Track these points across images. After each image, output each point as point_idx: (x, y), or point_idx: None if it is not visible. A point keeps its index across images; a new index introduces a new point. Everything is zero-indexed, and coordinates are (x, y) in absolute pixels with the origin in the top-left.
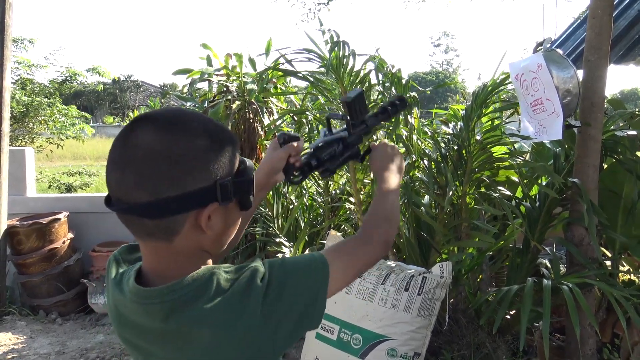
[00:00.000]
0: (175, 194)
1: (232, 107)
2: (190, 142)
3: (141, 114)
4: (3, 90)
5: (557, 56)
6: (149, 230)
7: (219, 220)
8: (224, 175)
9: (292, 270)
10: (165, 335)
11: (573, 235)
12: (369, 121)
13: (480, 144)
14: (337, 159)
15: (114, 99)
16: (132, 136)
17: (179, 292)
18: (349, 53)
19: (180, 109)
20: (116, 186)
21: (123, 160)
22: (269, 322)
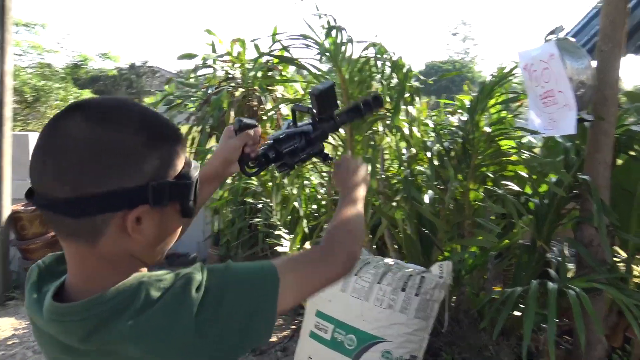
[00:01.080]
0: (99, 191)
1: (236, 94)
2: (121, 135)
3: (75, 102)
4: (4, 74)
5: (571, 45)
6: (70, 230)
7: (151, 224)
8: (159, 176)
9: (234, 279)
10: (89, 354)
11: (583, 236)
12: (339, 118)
13: (486, 137)
14: (297, 155)
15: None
16: (59, 125)
17: (101, 306)
18: (347, 39)
19: (122, 99)
20: (37, 178)
21: (46, 149)
22: (205, 336)
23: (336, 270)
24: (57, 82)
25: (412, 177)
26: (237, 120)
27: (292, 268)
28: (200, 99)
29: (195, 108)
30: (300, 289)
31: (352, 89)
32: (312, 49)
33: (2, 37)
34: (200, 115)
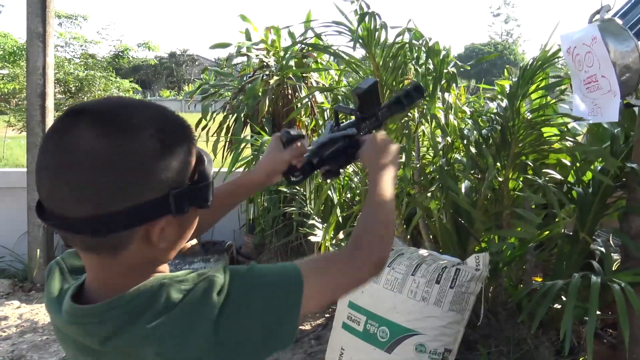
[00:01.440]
0: (120, 208)
1: (270, 82)
2: (135, 144)
3: (76, 107)
4: (46, 67)
5: (615, 27)
6: (89, 246)
7: (173, 230)
8: (178, 183)
9: (256, 282)
10: (108, 356)
11: (630, 227)
12: (381, 114)
13: (527, 124)
14: (341, 158)
15: (170, 73)
16: (65, 137)
17: (121, 309)
18: (380, 25)
19: (125, 100)
20: (48, 197)
21: (55, 166)
22: (224, 342)
23: (363, 273)
24: (99, 71)
25: (448, 166)
26: (284, 132)
27: (317, 271)
28: (235, 87)
29: (230, 97)
30: (325, 292)
31: (387, 76)
32: (345, 35)
33: (43, 29)
34: (235, 103)
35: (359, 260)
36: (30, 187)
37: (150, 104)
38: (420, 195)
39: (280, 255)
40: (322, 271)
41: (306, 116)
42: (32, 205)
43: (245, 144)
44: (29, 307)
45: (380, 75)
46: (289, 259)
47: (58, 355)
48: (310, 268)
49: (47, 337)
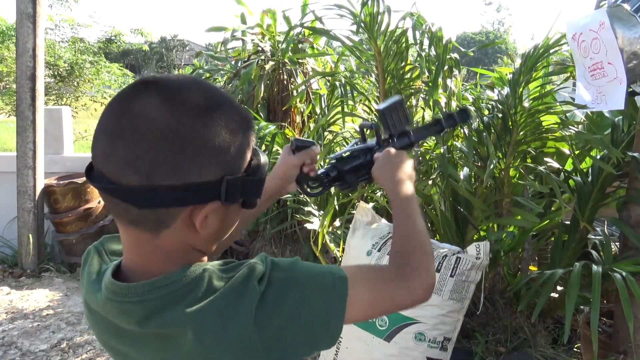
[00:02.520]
0: (172, 184)
1: (266, 67)
2: (203, 125)
3: (149, 77)
4: (36, 48)
5: (624, 13)
6: (132, 218)
7: (216, 220)
8: (233, 171)
9: (300, 276)
10: (144, 339)
11: (629, 216)
12: (414, 134)
13: (528, 112)
14: (360, 172)
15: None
16: (132, 103)
17: (163, 290)
18: (384, 9)
19: (200, 80)
20: (102, 159)
21: (116, 130)
22: (263, 330)
23: (413, 297)
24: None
25: (449, 154)
26: (294, 140)
27: (365, 281)
28: (229, 72)
29: (225, 82)
30: (370, 305)
31: (388, 62)
32: (347, 19)
33: (33, 10)
34: (230, 89)
35: (408, 283)
36: (20, 171)
37: (220, 90)
38: (420, 182)
39: (274, 243)
40: (371, 282)
41: (301, 102)
42: (21, 190)
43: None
44: (19, 293)
45: (382, 61)
46: (283, 247)
47: (49, 342)
48: (357, 277)
49: (37, 323)
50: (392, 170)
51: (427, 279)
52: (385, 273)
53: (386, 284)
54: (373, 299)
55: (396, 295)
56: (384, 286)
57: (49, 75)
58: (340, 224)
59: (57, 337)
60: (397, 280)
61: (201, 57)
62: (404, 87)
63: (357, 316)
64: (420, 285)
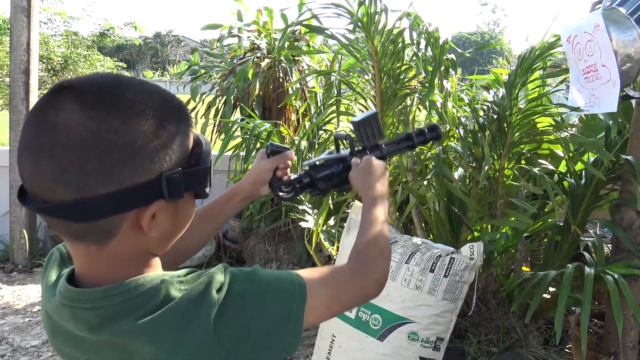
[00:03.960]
0: (108, 191)
1: (262, 65)
2: (125, 124)
3: (64, 82)
4: (31, 42)
5: (619, 15)
6: (75, 233)
7: (166, 218)
8: (172, 165)
9: (259, 284)
10: (99, 346)
11: (622, 218)
12: (386, 148)
13: (523, 113)
14: (332, 180)
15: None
16: (50, 114)
17: (116, 298)
18: (381, 9)
19: (116, 76)
20: (30, 179)
21: (37, 145)
22: (221, 340)
23: (367, 291)
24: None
25: (444, 155)
26: (269, 145)
27: (322, 283)
28: (225, 69)
29: (220, 78)
30: (329, 305)
31: (385, 62)
32: (344, 18)
33: (28, 3)
34: (225, 85)
35: (363, 278)
36: (12, 166)
37: (144, 81)
38: (415, 182)
39: (267, 241)
40: (327, 283)
41: (297, 100)
42: (14, 185)
43: (236, 127)
44: (11, 289)
45: (379, 61)
46: (277, 245)
47: (41, 338)
48: (315, 278)
49: (29, 319)
50: (370, 177)
51: (380, 276)
52: (343, 274)
53: (343, 286)
54: (331, 300)
55: (352, 291)
56: (341, 287)
57: (43, 69)
58: (335, 222)
59: None
60: (353, 281)
61: (197, 53)
62: (400, 87)
63: (319, 317)
64: (374, 282)
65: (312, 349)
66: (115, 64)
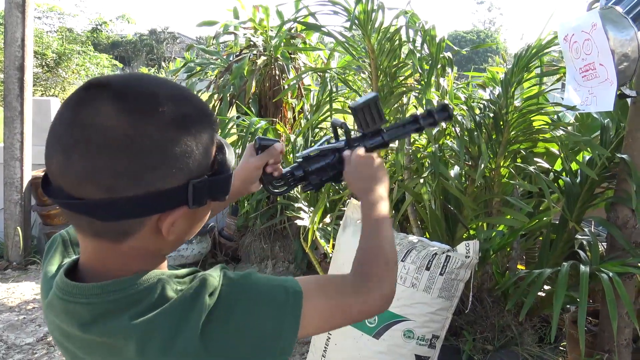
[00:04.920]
0: (135, 194)
1: (258, 62)
2: (160, 131)
3: (100, 79)
4: (25, 38)
5: (616, 14)
6: (95, 230)
7: (184, 222)
8: (199, 172)
9: (251, 289)
10: (89, 343)
11: (617, 217)
12: (388, 133)
13: (519, 112)
14: (325, 173)
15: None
16: (84, 111)
17: (112, 295)
18: (378, 7)
19: (154, 79)
20: (58, 172)
21: (70, 142)
22: (209, 347)
23: (372, 307)
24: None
25: (440, 153)
26: (257, 139)
27: (321, 293)
28: (221, 66)
29: (216, 76)
30: (327, 318)
31: (382, 59)
32: (340, 16)
33: None
34: (221, 83)
35: (366, 294)
36: (7, 162)
37: (179, 86)
38: (411, 180)
39: (263, 239)
40: (325, 293)
41: (293, 98)
42: (8, 182)
43: (232, 125)
44: (5, 286)
45: (375, 58)
46: (273, 243)
47: (35, 335)
48: (312, 287)
49: (23, 316)
50: (362, 174)
51: (387, 291)
52: (345, 286)
53: (344, 298)
54: (329, 312)
55: (353, 309)
56: (342, 300)
57: (37, 65)
58: (331, 220)
59: (43, 330)
60: (355, 294)
61: (192, 50)
62: (396, 85)
63: (315, 328)
64: (380, 297)
65: (307, 347)
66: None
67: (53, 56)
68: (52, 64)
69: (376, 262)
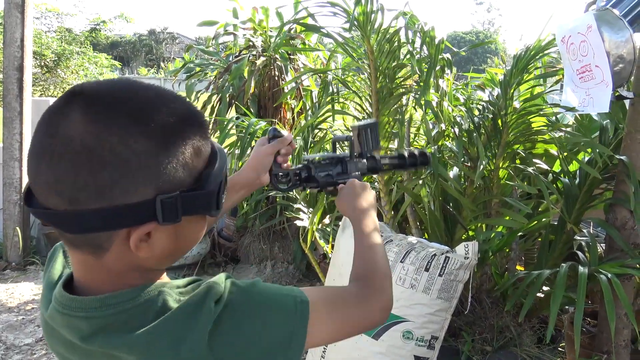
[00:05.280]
0: (100, 207)
1: (257, 63)
2: (124, 143)
3: (76, 87)
4: (24, 38)
5: (611, 16)
6: (70, 242)
7: (164, 238)
8: (171, 187)
9: (260, 298)
10: (91, 354)
11: (615, 218)
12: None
13: (518, 113)
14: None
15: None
16: (54, 120)
17: (111, 308)
18: (377, 8)
19: (131, 85)
20: (32, 182)
21: (40, 150)
22: (218, 354)
23: (372, 319)
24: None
25: (439, 154)
26: (271, 130)
27: (327, 304)
28: (220, 67)
29: (215, 76)
30: (335, 325)
31: (381, 61)
32: (339, 17)
33: None
34: (221, 83)
35: (369, 306)
36: (6, 163)
37: (162, 92)
38: (410, 182)
39: (262, 239)
40: (331, 303)
41: (292, 98)
42: (7, 182)
43: (232, 126)
44: (4, 287)
45: (374, 60)
46: (272, 243)
47: (34, 336)
48: (318, 297)
49: (22, 317)
50: (355, 200)
51: (387, 303)
52: (349, 297)
53: (349, 309)
54: (335, 325)
55: (357, 320)
56: (347, 311)
57: (36, 66)
58: (330, 221)
59: (42, 331)
60: (359, 305)
61: (192, 51)
62: (395, 86)
63: (322, 338)
64: (380, 309)
65: None
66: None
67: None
68: (51, 64)
69: (374, 278)
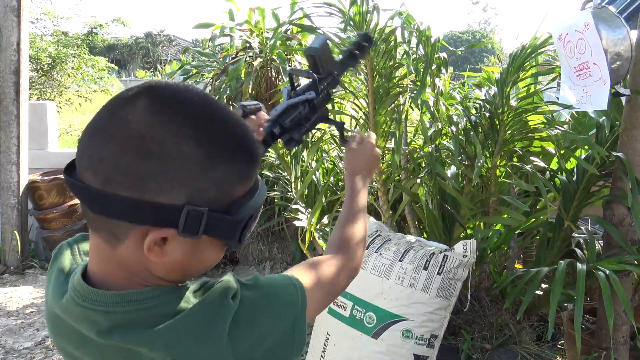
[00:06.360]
0: (129, 196)
1: (254, 64)
2: (175, 142)
3: (153, 81)
4: (21, 42)
5: (608, 14)
6: (93, 222)
7: (178, 249)
8: (202, 202)
9: (270, 292)
10: (105, 350)
11: (613, 215)
12: (336, 71)
13: (515, 111)
14: (303, 125)
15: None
16: (122, 103)
17: (132, 305)
18: (373, 8)
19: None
20: (78, 153)
21: (97, 126)
22: (237, 348)
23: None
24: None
25: (437, 153)
26: (240, 106)
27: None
28: (217, 68)
29: (212, 78)
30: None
31: (377, 60)
32: (335, 17)
33: (18, 3)
34: (218, 85)
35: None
36: (3, 167)
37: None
38: (408, 181)
39: (261, 240)
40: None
41: None
42: (5, 186)
43: None
44: (3, 291)
45: (371, 60)
46: (270, 244)
47: (33, 340)
48: (306, 276)
49: (21, 321)
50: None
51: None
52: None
53: (335, 278)
54: (323, 293)
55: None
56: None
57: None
58: (328, 221)
59: (41, 334)
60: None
61: (188, 53)
62: (392, 85)
63: (314, 313)
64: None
65: (306, 348)
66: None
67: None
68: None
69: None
